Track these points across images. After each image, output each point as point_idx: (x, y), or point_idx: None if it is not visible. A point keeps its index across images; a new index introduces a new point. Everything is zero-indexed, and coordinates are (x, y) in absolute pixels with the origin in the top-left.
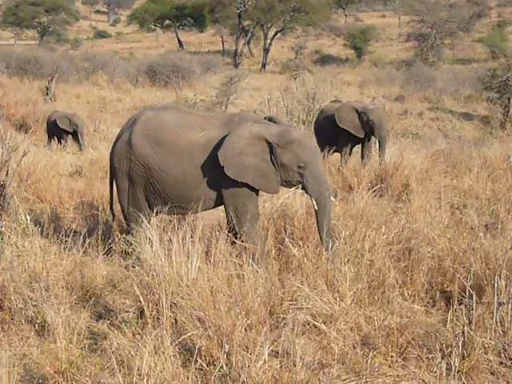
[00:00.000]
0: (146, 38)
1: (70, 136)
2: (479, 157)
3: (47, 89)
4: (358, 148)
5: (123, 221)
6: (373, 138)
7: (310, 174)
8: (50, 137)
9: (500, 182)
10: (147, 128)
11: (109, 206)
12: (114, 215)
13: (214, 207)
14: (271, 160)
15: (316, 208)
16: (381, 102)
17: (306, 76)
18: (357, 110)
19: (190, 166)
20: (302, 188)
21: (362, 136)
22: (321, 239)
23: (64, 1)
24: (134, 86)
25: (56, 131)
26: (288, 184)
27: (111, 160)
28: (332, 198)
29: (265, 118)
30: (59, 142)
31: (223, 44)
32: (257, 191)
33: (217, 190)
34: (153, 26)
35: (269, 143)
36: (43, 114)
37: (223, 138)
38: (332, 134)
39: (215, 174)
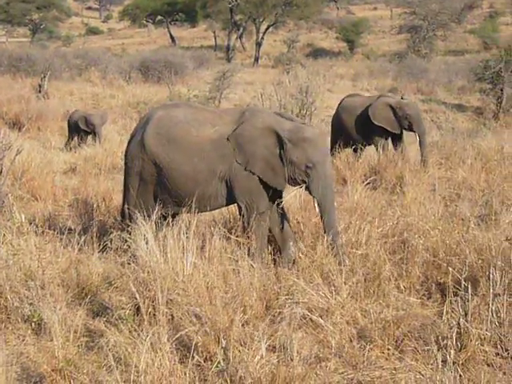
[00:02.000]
0: (138, 33)
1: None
2: (473, 148)
3: (40, 86)
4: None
5: (120, 218)
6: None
7: (317, 174)
8: (70, 136)
9: (494, 173)
10: (159, 127)
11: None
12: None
13: (226, 205)
14: (280, 155)
15: (318, 210)
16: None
17: (298, 70)
18: (391, 106)
19: (201, 163)
20: (306, 188)
21: (398, 132)
22: (328, 239)
23: None
24: (126, 82)
25: (75, 130)
26: (292, 182)
27: (125, 159)
28: None
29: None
30: (80, 140)
31: (215, 39)
32: (268, 188)
33: (228, 187)
34: (145, 22)
35: (280, 138)
36: (36, 112)
37: None
38: (358, 130)
39: (226, 170)
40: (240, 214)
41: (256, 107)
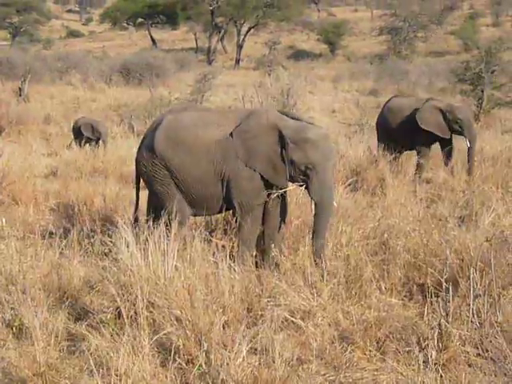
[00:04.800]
0: (119, 36)
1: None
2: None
3: (20, 90)
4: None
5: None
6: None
7: (316, 176)
8: (76, 142)
9: (474, 174)
10: (167, 131)
11: (133, 210)
12: (136, 219)
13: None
14: (281, 153)
15: (314, 211)
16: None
17: (280, 71)
18: (441, 110)
19: (209, 164)
20: (306, 188)
21: (447, 137)
22: (312, 241)
23: (35, 1)
24: (107, 85)
25: (81, 137)
26: (293, 180)
27: (137, 165)
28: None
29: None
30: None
31: (196, 41)
32: (268, 187)
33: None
34: (125, 25)
35: (282, 136)
36: (17, 116)
37: None
38: (405, 133)
39: (230, 170)
40: (234, 214)
41: (263, 108)
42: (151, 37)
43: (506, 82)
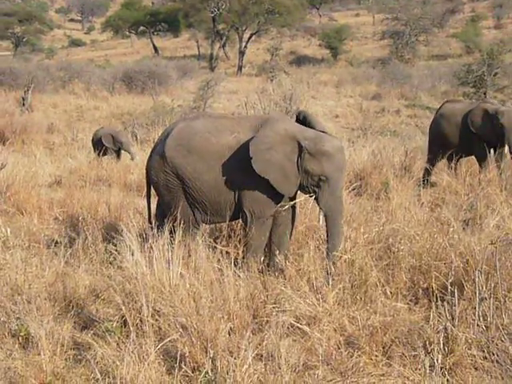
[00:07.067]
0: (121, 44)
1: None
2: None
3: (23, 99)
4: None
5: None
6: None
7: (328, 188)
8: (97, 153)
9: (478, 177)
10: (179, 138)
11: (147, 219)
12: (152, 228)
13: None
14: (297, 162)
15: (321, 222)
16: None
17: (282, 77)
18: (488, 113)
19: (222, 171)
20: (315, 198)
21: (494, 141)
22: (327, 253)
23: (37, 10)
24: (110, 93)
25: (102, 148)
26: (304, 189)
27: (147, 173)
28: None
29: (298, 114)
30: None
31: (198, 48)
32: (277, 202)
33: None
34: (127, 33)
35: (300, 146)
36: (20, 125)
37: None
38: (459, 139)
39: (243, 177)
40: (243, 222)
41: (276, 115)
42: (153, 45)
43: (508, 84)
